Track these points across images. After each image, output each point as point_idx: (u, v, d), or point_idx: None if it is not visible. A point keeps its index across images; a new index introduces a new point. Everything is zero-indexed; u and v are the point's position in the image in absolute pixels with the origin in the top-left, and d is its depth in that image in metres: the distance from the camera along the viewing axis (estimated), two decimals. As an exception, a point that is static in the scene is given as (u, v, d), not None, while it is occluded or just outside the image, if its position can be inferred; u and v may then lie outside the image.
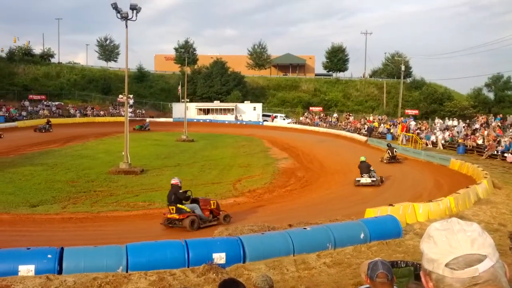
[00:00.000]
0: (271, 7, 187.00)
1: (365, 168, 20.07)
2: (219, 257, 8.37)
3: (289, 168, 25.19)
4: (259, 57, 78.03)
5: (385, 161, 26.63)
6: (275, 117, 61.04)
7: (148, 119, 53.26)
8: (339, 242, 9.88)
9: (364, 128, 47.37)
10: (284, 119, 60.43)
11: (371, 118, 53.61)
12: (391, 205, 12.66)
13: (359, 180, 19.84)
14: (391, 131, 43.56)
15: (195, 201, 12.87)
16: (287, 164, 26.43)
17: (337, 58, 76.00)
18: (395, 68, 72.62)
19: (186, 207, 12.30)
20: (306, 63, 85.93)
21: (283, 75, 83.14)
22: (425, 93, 64.54)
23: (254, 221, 12.59)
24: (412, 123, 44.42)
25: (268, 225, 11.88)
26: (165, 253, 8.06)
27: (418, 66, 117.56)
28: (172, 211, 12.22)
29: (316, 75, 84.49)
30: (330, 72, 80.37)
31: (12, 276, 7.11)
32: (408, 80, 72.94)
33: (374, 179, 19.76)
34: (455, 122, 41.74)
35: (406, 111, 57.72)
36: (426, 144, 36.15)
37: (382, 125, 48.05)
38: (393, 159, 26.78)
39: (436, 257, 1.27)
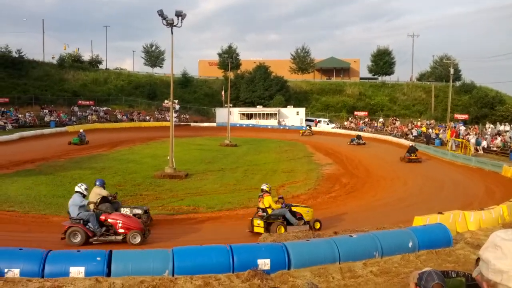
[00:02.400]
0: (315, 11, 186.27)
1: None
2: (264, 263, 8.30)
3: (333, 174, 24.85)
4: (302, 61, 77.72)
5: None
6: (319, 121, 60.51)
7: (81, 129, 39.55)
8: (387, 251, 9.60)
9: (412, 133, 46.22)
10: (328, 123, 59.83)
11: (418, 123, 52.25)
12: (440, 213, 12.24)
13: None
14: (440, 136, 42.24)
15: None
16: (331, 170, 26.09)
17: (383, 61, 74.73)
18: (443, 71, 70.54)
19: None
20: (351, 66, 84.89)
21: (327, 79, 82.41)
22: (475, 97, 62.38)
23: (297, 228, 12.46)
24: (462, 128, 42.91)
25: (313, 232, 11.74)
26: (210, 257, 8.06)
27: (468, 69, 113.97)
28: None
29: (361, 78, 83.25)
30: (376, 76, 79.07)
31: (64, 277, 7.29)
32: (457, 83, 70.67)
33: None
34: (507, 127, 40.02)
35: (456, 115, 55.93)
36: (477, 150, 34.83)
37: (430, 130, 46.71)
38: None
39: (507, 269, 1.18)
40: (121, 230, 11.14)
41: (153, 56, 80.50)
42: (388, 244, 9.67)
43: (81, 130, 36.60)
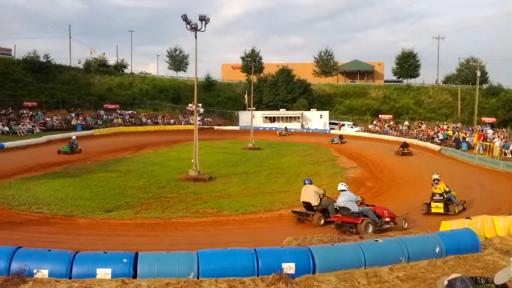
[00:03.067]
0: (338, 14, 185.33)
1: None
2: (289, 267, 8.24)
3: (358, 177, 24.61)
4: (325, 64, 77.39)
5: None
6: (343, 125, 60.07)
7: (74, 136, 35.89)
8: (413, 256, 9.43)
9: (438, 137, 45.49)
10: (352, 127, 59.37)
11: (445, 126, 51.38)
12: (468, 218, 11.97)
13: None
14: (467, 140, 41.44)
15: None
16: (356, 174, 25.85)
17: (407, 64, 73.82)
18: (470, 73, 69.32)
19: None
20: (375, 69, 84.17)
21: (351, 82, 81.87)
22: (503, 99, 61.05)
23: (323, 232, 12.35)
24: (490, 131, 41.99)
25: (338, 236, 11.62)
26: (234, 261, 8.05)
27: (495, 72, 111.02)
28: None
29: (385, 81, 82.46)
30: (401, 79, 78.13)
31: (91, 279, 7.36)
32: (484, 86, 69.30)
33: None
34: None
35: (483, 119, 54.76)
36: (505, 154, 34.03)
37: (457, 133, 45.88)
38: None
39: None
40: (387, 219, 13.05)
41: (177, 60, 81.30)
42: (414, 249, 9.50)
43: (73, 137, 31.45)
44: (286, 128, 58.08)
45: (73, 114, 54.60)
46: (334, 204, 13.59)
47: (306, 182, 14.58)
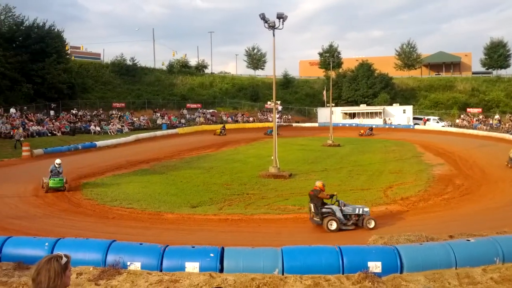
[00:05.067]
0: (420, 5, 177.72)
1: None
2: (375, 266, 8.02)
3: (445, 174, 23.42)
4: (408, 57, 74.59)
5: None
6: (428, 120, 57.57)
7: (58, 160, 19.43)
8: (509, 257, 8.78)
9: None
10: (437, 122, 56.69)
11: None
12: None
13: None
14: None
15: None
16: (443, 171, 24.61)
17: (497, 54, 69.15)
18: None
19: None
20: (461, 60, 79.78)
21: (436, 74, 78.26)
22: None
23: (409, 230, 11.88)
24: None
25: (426, 235, 11.12)
26: (319, 258, 7.97)
27: None
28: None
29: (473, 73, 77.86)
30: (490, 70, 73.33)
31: (180, 272, 7.63)
32: None
33: None
34: None
35: None
36: None
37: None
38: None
39: None
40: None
41: (255, 59, 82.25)
42: (510, 249, 8.85)
43: (56, 162, 18.98)
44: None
45: (158, 114, 57.12)
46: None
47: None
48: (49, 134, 41.09)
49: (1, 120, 39.86)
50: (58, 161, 18.99)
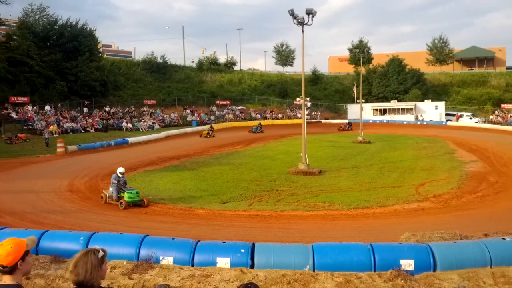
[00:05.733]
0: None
1: None
2: (407, 264, 7.92)
3: (479, 172, 22.86)
4: (440, 52, 73.05)
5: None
6: (460, 116, 56.33)
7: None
8: (546, 255, 8.54)
9: None
10: (470, 118, 55.39)
11: None
12: None
13: None
14: None
15: None
16: (477, 168, 24.03)
17: (534, 48, 66.91)
18: None
19: None
20: (495, 55, 77.63)
21: (469, 70, 76.36)
22: None
23: (442, 228, 11.67)
24: None
25: (460, 233, 10.90)
26: (350, 255, 7.92)
27: None
28: None
29: (507, 68, 75.67)
30: (526, 64, 71.18)
31: (211, 267, 7.72)
32: None
33: None
34: None
35: None
36: None
37: None
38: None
39: None
40: None
41: (284, 55, 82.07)
42: (547, 248, 8.61)
43: (120, 172, 15.96)
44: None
45: (188, 111, 57.72)
46: None
47: None
48: (82, 131, 42.09)
49: (36, 117, 41.04)
50: (121, 169, 16.04)
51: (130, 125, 47.06)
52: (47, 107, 44.89)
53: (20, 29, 50.69)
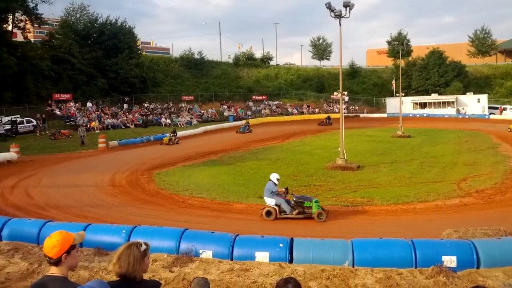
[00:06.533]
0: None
1: None
2: (449, 260, 7.75)
3: (524, 166, 22.06)
4: (482, 44, 70.73)
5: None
6: (504, 109, 54.43)
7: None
8: None
9: None
10: (515, 111, 53.48)
11: None
12: None
13: None
14: None
15: None
16: (522, 162, 23.20)
17: None
18: None
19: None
20: (542, 45, 74.50)
21: (512, 61, 73.63)
22: None
23: (485, 224, 11.33)
24: None
25: (504, 229, 10.57)
26: (390, 251, 7.82)
27: None
28: None
29: (556, 58, 72.49)
30: None
31: (250, 261, 7.79)
32: None
33: None
34: None
35: None
36: None
37: None
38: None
39: None
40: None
41: (320, 49, 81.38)
42: None
43: (277, 178, 13.82)
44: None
45: (225, 106, 58.16)
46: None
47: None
48: (123, 127, 43.13)
49: (79, 113, 42.32)
50: (276, 175, 13.62)
51: (168, 121, 47.85)
52: (88, 104, 46.21)
53: (62, 28, 52.37)
